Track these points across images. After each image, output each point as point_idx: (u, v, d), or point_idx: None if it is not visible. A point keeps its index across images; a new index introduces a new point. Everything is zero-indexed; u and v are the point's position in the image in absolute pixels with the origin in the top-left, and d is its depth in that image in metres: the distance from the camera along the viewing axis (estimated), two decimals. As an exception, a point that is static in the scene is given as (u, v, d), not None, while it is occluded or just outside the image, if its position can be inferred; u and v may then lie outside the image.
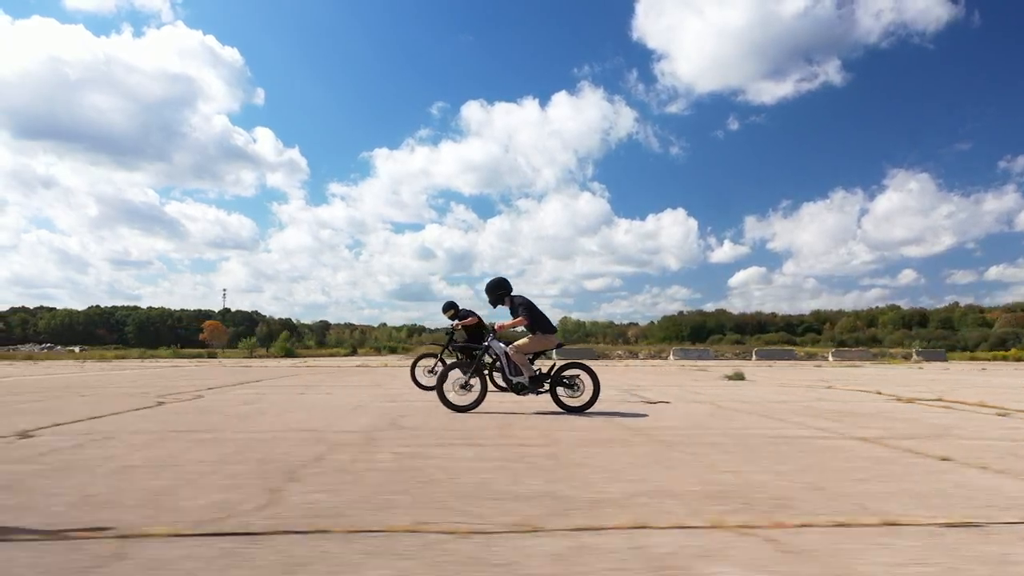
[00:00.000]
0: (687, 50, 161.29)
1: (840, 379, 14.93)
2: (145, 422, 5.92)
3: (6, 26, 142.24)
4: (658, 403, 8.23)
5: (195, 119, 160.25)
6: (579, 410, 6.93)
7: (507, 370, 7.06)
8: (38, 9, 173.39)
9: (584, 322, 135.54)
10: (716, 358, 42.94)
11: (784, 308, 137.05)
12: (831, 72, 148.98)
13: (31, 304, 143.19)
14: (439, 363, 10.34)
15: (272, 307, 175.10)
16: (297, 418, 6.33)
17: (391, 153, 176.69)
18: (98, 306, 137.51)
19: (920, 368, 25.68)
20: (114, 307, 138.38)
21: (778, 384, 12.83)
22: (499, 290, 7.31)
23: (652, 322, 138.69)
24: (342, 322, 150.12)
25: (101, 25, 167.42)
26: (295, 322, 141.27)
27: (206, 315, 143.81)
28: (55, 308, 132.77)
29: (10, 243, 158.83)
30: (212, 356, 42.59)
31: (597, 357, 43.25)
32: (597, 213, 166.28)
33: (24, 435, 4.98)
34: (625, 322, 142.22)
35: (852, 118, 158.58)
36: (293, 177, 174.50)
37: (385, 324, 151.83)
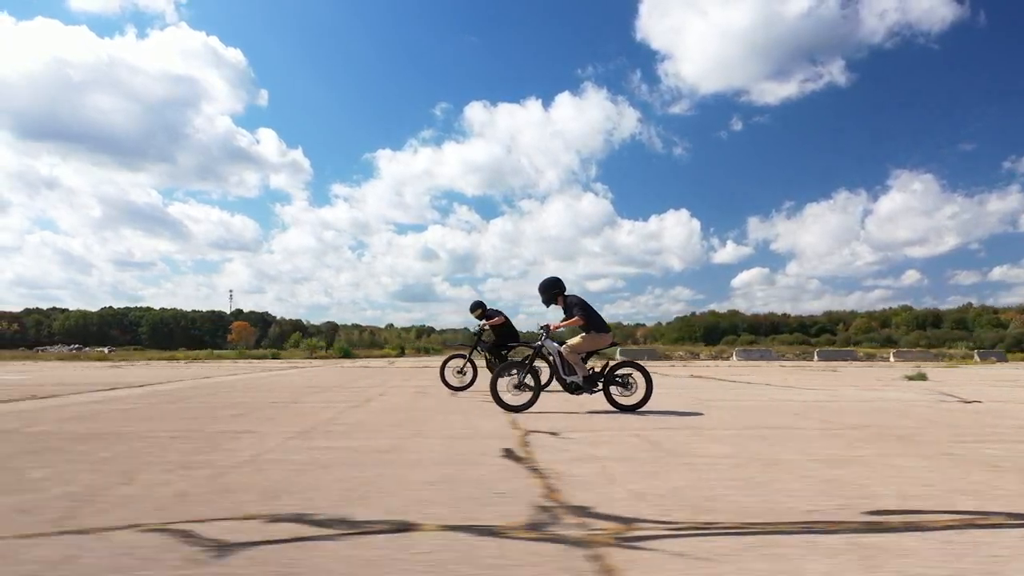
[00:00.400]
0: (691, 51, 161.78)
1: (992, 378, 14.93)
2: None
3: (10, 27, 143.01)
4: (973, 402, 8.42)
5: (198, 120, 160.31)
6: (632, 409, 6.97)
7: (561, 369, 7.11)
8: (42, 10, 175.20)
9: None
10: (778, 359, 42.50)
11: (787, 309, 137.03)
12: (835, 72, 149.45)
13: (35, 305, 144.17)
14: (468, 364, 10.38)
15: (275, 308, 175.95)
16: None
17: (394, 154, 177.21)
18: (111, 307, 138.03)
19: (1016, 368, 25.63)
20: (126, 308, 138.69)
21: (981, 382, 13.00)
22: (553, 289, 7.36)
23: (659, 323, 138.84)
24: (347, 323, 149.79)
25: (105, 26, 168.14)
26: (305, 323, 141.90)
27: (218, 316, 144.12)
28: (67, 309, 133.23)
29: (14, 244, 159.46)
30: (275, 357, 40.71)
31: (660, 357, 43.25)
32: (600, 214, 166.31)
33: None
34: (631, 323, 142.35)
35: (856, 119, 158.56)
36: (296, 178, 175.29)
37: (392, 325, 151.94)
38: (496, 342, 10.33)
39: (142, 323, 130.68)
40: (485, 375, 9.98)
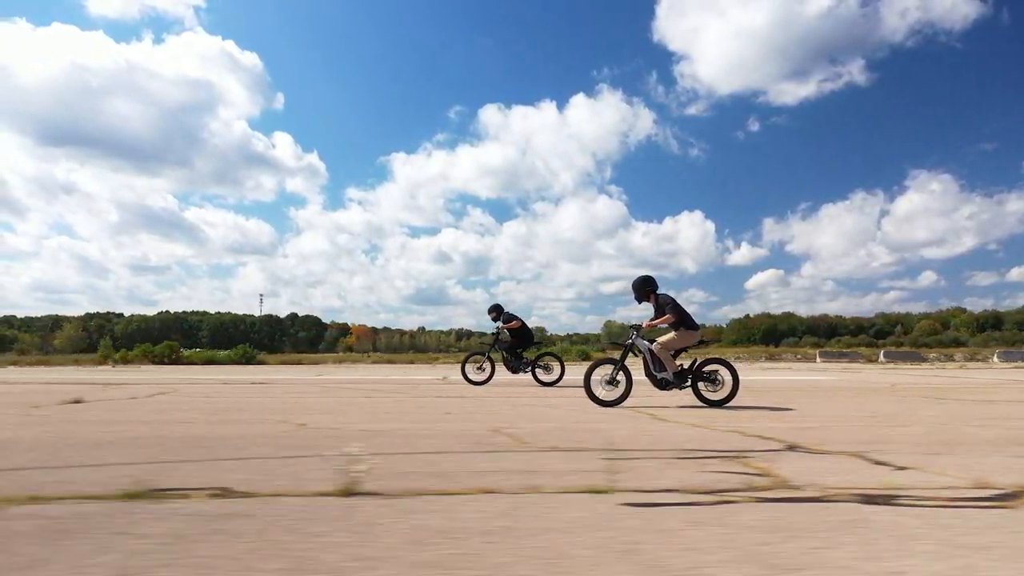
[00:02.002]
0: (708, 51, 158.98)
1: None
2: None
3: (27, 33, 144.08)
4: None
5: (215, 125, 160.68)
6: (719, 404, 7.25)
7: (652, 366, 7.43)
8: (58, 16, 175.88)
9: (627, 326, 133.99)
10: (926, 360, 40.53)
11: (802, 311, 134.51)
12: (855, 72, 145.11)
13: (49, 310, 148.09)
14: (487, 361, 11.70)
15: (287, 312, 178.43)
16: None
17: (408, 157, 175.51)
18: (167, 311, 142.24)
19: None
20: (184, 312, 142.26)
21: None
22: (645, 287, 7.72)
23: (716, 325, 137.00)
24: (387, 326, 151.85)
25: (122, 31, 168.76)
26: (351, 327, 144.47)
27: (276, 320, 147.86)
28: (127, 315, 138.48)
29: (32, 249, 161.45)
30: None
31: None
32: (614, 216, 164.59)
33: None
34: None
35: (874, 119, 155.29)
36: (312, 182, 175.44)
37: (423, 328, 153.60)
38: (512, 343, 11.75)
39: (202, 327, 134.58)
40: (502, 371, 11.81)
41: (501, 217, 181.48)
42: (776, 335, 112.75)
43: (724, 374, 7.42)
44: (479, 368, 11.63)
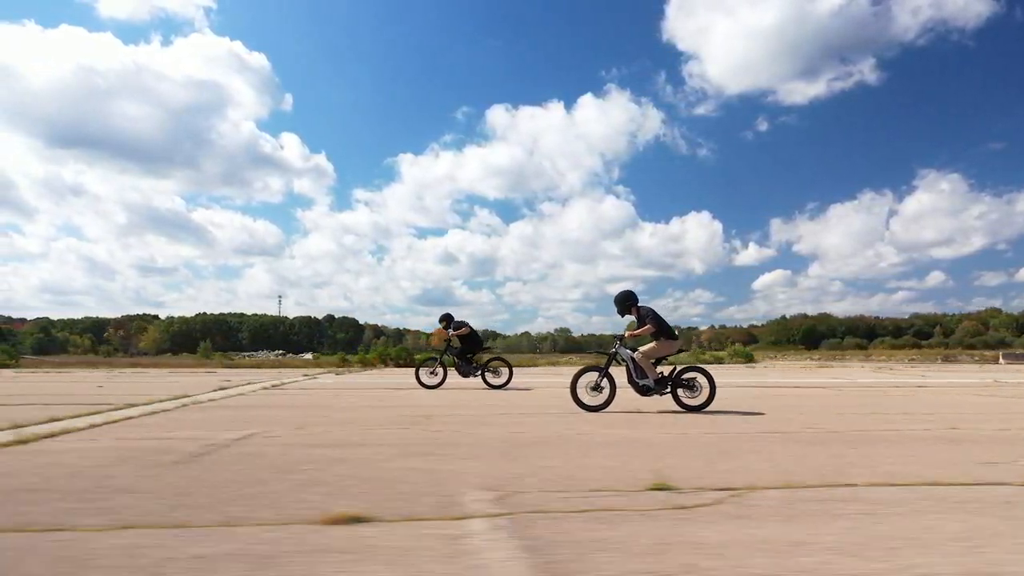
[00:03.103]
0: (717, 51, 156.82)
1: None
2: None
3: (36, 35, 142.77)
4: None
5: (223, 126, 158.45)
6: (697, 409, 7.78)
7: (634, 374, 7.99)
8: (66, 18, 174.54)
9: None
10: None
11: (809, 311, 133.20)
12: (866, 71, 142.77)
13: (56, 312, 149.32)
14: (439, 366, 12.34)
15: (294, 312, 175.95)
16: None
17: (415, 158, 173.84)
18: (204, 313, 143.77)
19: None
20: (222, 314, 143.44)
21: None
22: (627, 302, 8.27)
23: (713, 327, 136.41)
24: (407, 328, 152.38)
25: (130, 33, 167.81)
26: (381, 328, 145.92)
27: (315, 322, 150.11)
28: (167, 317, 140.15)
29: (40, 251, 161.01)
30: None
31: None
32: (621, 217, 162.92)
33: None
34: (704, 325, 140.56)
35: (885, 118, 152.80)
36: (319, 183, 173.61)
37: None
38: (463, 349, 12.39)
39: (242, 328, 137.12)
40: (453, 375, 12.54)
41: (508, 218, 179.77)
42: (815, 336, 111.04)
43: (702, 381, 7.95)
44: (432, 372, 12.22)
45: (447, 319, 12.77)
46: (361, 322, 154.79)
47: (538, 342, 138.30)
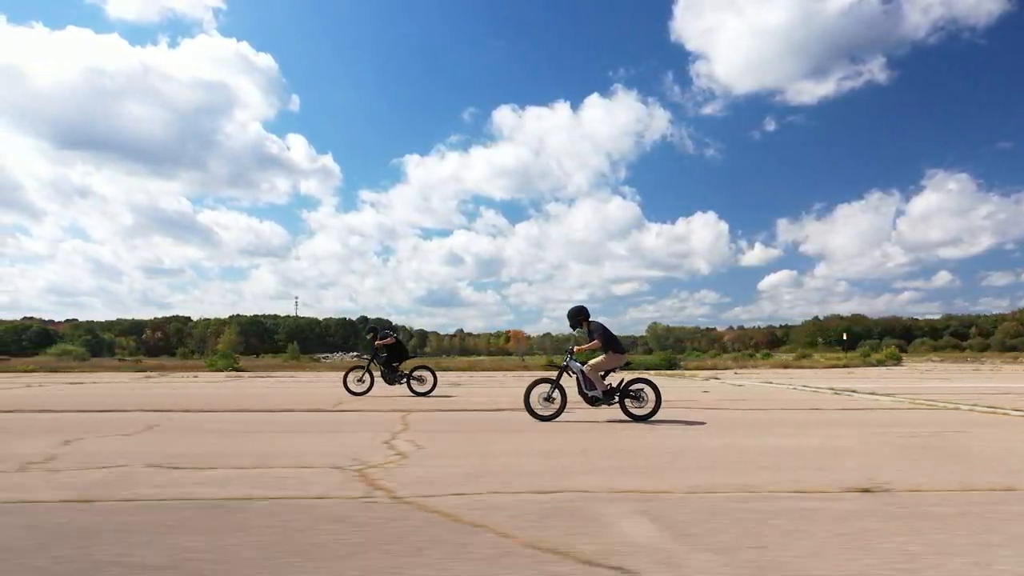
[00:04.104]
0: (725, 51, 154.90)
1: None
2: None
3: (44, 36, 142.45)
4: None
5: (231, 127, 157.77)
6: (644, 418, 8.24)
7: (583, 385, 8.49)
8: (73, 19, 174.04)
9: (673, 328, 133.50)
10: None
11: (815, 311, 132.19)
12: (875, 70, 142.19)
13: (63, 314, 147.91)
14: (367, 374, 12.69)
15: (301, 313, 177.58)
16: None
17: (421, 159, 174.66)
18: (239, 314, 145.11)
19: None
20: (255, 315, 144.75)
21: None
22: (579, 316, 8.77)
23: (730, 327, 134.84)
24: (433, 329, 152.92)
25: (137, 34, 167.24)
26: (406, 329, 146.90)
27: (349, 324, 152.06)
28: (200, 318, 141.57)
29: (47, 252, 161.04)
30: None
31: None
32: (627, 217, 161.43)
33: None
34: (712, 326, 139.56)
35: (893, 118, 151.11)
36: (326, 184, 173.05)
37: (462, 330, 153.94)
38: (388, 357, 12.75)
39: (278, 330, 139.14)
40: (380, 383, 12.76)
41: (514, 218, 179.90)
42: (852, 337, 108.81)
43: (648, 392, 8.41)
44: (359, 380, 12.59)
45: (374, 330, 13.23)
46: (396, 323, 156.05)
47: (561, 343, 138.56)
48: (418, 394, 12.62)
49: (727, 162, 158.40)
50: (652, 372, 28.17)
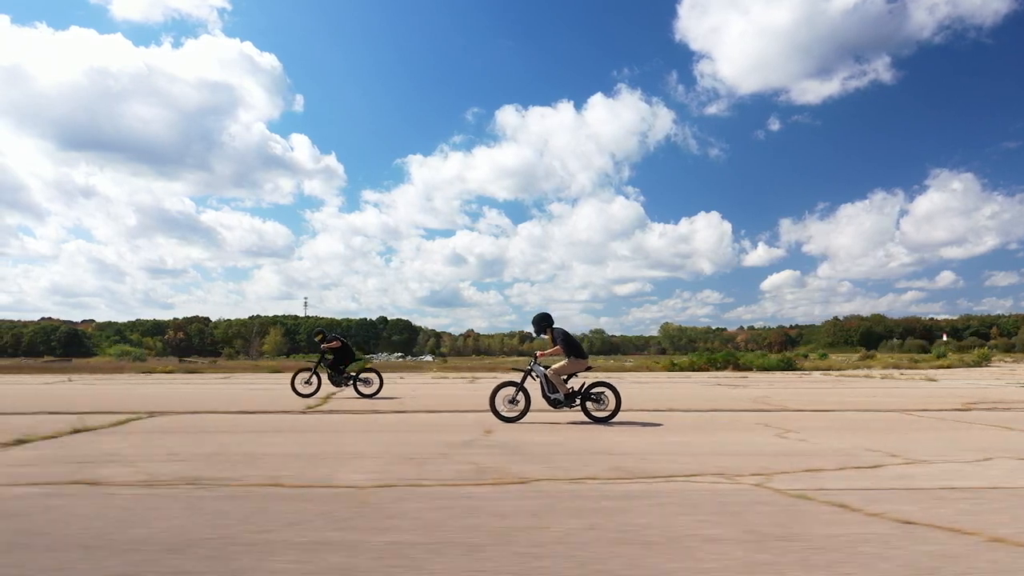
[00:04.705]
0: (730, 51, 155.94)
1: None
2: None
3: (48, 37, 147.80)
4: None
5: (235, 127, 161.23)
6: (604, 420, 8.61)
7: (546, 388, 8.88)
8: (76, 20, 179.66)
9: (686, 328, 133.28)
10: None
11: (817, 312, 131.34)
12: (880, 70, 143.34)
13: (67, 314, 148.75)
14: (314, 376, 12.94)
15: (301, 314, 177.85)
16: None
17: (425, 159, 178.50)
18: (258, 315, 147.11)
19: None
20: (276, 316, 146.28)
21: None
22: (543, 323, 9.15)
23: (740, 327, 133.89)
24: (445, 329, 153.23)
25: (141, 35, 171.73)
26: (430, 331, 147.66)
27: (371, 324, 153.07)
28: (219, 319, 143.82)
29: (51, 253, 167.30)
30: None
31: None
32: (631, 217, 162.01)
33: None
34: (715, 326, 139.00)
35: (898, 117, 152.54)
36: (330, 184, 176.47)
37: (474, 332, 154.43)
38: (335, 360, 12.99)
39: (298, 330, 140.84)
40: (327, 385, 13.02)
41: (517, 218, 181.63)
42: (873, 338, 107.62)
43: (609, 395, 8.78)
44: (307, 382, 12.85)
45: (321, 333, 13.50)
46: (415, 324, 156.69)
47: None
48: (364, 396, 12.85)
49: (731, 162, 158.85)
50: (771, 373, 28.62)
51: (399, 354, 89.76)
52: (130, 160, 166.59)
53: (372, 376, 13.25)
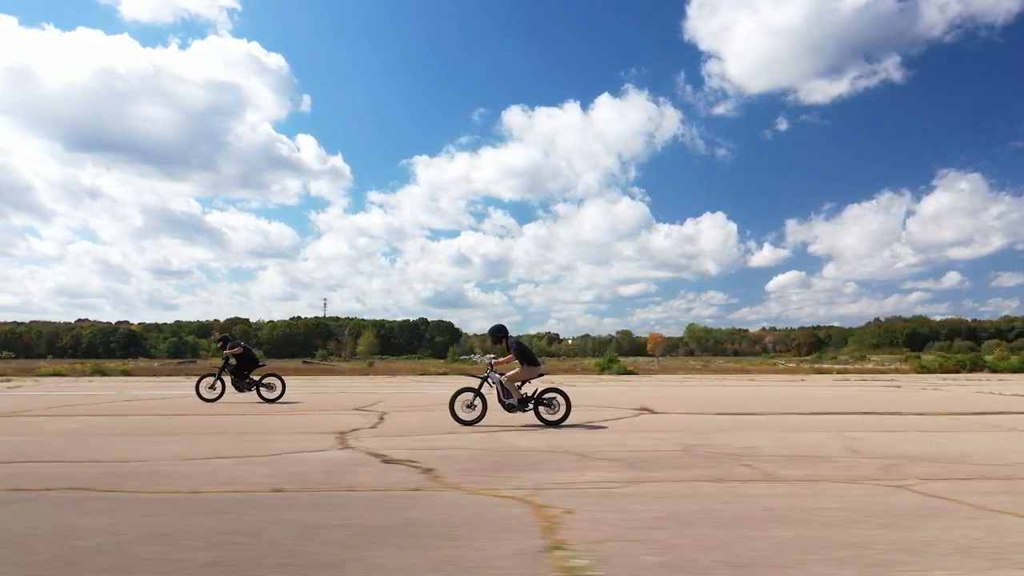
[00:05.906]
0: (739, 50, 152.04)
1: None
2: None
3: (55, 38, 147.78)
4: None
5: (241, 128, 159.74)
6: (555, 424, 9.27)
7: (501, 394, 9.59)
8: (83, 21, 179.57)
9: (711, 329, 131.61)
10: None
11: (822, 312, 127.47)
12: (891, 69, 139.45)
13: (72, 315, 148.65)
14: (218, 381, 13.21)
15: (306, 315, 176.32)
16: None
17: (431, 160, 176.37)
18: (299, 317, 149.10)
19: None
20: (317, 318, 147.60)
21: None
22: (499, 334, 9.87)
23: (764, 328, 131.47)
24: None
25: (148, 35, 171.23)
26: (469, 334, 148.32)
27: (413, 326, 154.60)
28: (258, 320, 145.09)
29: (57, 254, 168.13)
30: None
31: None
32: (636, 218, 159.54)
33: None
34: (728, 327, 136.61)
35: (907, 117, 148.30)
36: (336, 184, 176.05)
37: (528, 333, 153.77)
38: (238, 366, 13.27)
39: (343, 333, 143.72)
40: (231, 391, 13.25)
41: (523, 219, 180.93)
42: (919, 339, 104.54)
43: (560, 400, 9.44)
44: (211, 388, 13.07)
45: (223, 340, 13.65)
46: (456, 325, 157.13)
47: (603, 344, 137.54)
48: (267, 401, 13.11)
49: (738, 162, 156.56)
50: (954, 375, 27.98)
51: (477, 355, 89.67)
52: (136, 161, 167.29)
53: (275, 381, 13.52)
